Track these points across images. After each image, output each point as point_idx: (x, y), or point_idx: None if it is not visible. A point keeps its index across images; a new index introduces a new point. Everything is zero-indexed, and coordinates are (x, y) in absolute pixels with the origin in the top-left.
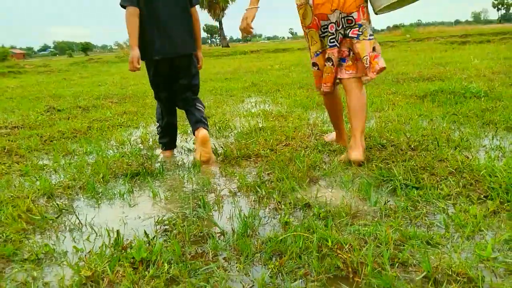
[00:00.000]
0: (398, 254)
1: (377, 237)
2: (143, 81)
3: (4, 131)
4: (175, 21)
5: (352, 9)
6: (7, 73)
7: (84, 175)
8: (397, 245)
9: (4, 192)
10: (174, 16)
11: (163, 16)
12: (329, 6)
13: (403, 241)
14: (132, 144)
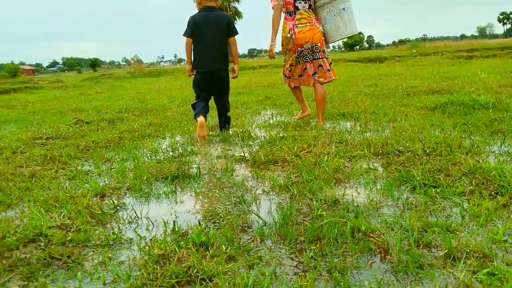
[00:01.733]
0: (422, 238)
1: (402, 225)
2: (160, 95)
3: (40, 142)
4: (215, 46)
5: (317, 41)
6: (23, 88)
7: (127, 178)
8: (420, 232)
9: (61, 193)
10: (214, 43)
11: (207, 43)
12: (304, 39)
13: (425, 228)
14: (164, 151)
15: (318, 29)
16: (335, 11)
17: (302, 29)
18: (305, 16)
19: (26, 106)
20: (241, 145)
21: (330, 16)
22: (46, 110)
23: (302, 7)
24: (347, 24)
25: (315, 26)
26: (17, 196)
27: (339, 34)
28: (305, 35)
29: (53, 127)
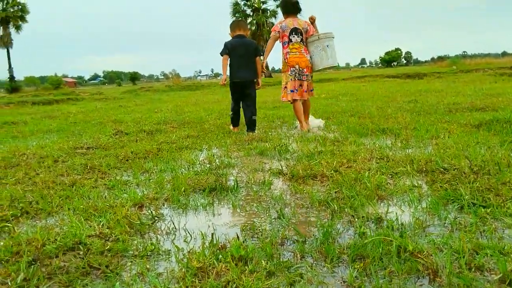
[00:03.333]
0: (474, 260)
1: (451, 246)
2: (197, 108)
3: (81, 151)
4: (245, 62)
5: (303, 67)
6: (65, 100)
7: (165, 189)
8: (471, 254)
9: (100, 202)
10: (245, 61)
11: (240, 61)
12: (293, 63)
13: (477, 250)
14: (202, 163)
15: (305, 58)
16: (320, 47)
17: (292, 55)
18: (296, 47)
19: (68, 116)
20: (278, 158)
21: (317, 50)
22: (87, 121)
23: (295, 40)
24: (329, 58)
25: (303, 55)
26: (58, 204)
27: (322, 64)
28: (295, 60)
29: (93, 137)
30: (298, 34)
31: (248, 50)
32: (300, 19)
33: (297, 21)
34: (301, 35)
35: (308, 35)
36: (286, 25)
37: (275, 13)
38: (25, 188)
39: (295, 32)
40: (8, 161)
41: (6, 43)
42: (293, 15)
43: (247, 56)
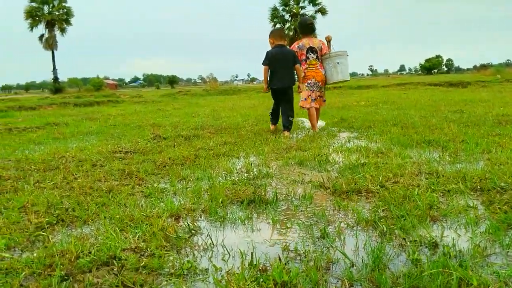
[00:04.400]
0: None
1: None
2: (234, 113)
3: (119, 155)
4: (284, 70)
5: (319, 80)
6: (106, 102)
7: (202, 199)
8: None
9: (136, 211)
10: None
11: (279, 69)
12: (310, 77)
13: None
14: (239, 172)
15: (321, 72)
16: (331, 64)
17: (310, 70)
18: (313, 63)
19: (108, 119)
20: (319, 169)
21: (328, 67)
22: (126, 123)
23: (311, 57)
24: (339, 73)
25: (319, 70)
26: (94, 212)
27: (333, 79)
28: (312, 74)
29: (132, 141)
30: (314, 52)
31: (287, 59)
32: (315, 38)
33: (312, 41)
34: (316, 53)
35: (322, 53)
36: (303, 45)
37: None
38: (62, 193)
39: (311, 51)
40: (48, 164)
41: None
42: (309, 35)
43: (286, 65)
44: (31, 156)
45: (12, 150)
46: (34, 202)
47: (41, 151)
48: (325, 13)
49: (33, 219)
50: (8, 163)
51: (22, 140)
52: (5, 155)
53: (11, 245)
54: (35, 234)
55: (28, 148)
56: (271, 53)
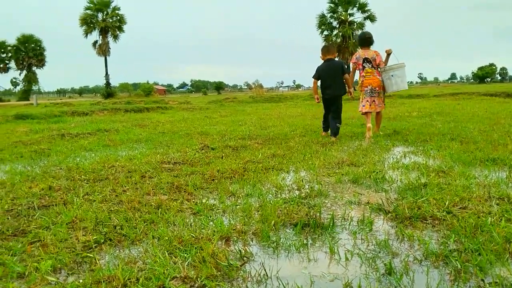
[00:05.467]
0: None
1: None
2: (281, 122)
3: (168, 166)
4: (333, 81)
5: (375, 86)
6: (155, 108)
7: (253, 219)
8: None
9: (185, 231)
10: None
11: (329, 80)
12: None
13: None
14: (290, 189)
15: (378, 79)
16: (387, 76)
17: (367, 78)
18: (370, 71)
19: (157, 126)
20: (375, 189)
21: (384, 79)
22: (174, 131)
23: (367, 67)
24: (393, 85)
25: (376, 77)
26: (142, 231)
27: (388, 90)
28: (369, 82)
29: (180, 151)
30: (369, 62)
31: (336, 70)
32: (370, 50)
33: (367, 52)
34: (371, 62)
35: (376, 63)
36: (359, 56)
37: (362, 26)
38: (110, 208)
39: (367, 61)
40: (98, 174)
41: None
42: (366, 47)
43: (335, 76)
44: (82, 164)
45: (64, 157)
46: (82, 217)
47: (92, 159)
48: (374, 20)
49: (80, 237)
50: (59, 171)
51: (74, 146)
52: (57, 162)
53: (57, 266)
54: (82, 255)
55: (79, 155)
56: (320, 68)
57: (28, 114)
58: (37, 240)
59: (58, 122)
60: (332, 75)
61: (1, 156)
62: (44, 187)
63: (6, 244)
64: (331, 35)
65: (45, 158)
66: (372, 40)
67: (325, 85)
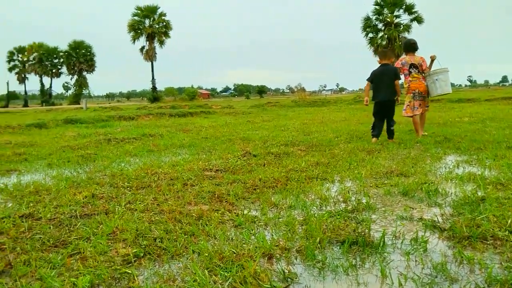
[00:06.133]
0: None
1: None
2: (325, 127)
3: (209, 174)
4: (385, 86)
5: (421, 90)
6: (199, 113)
7: (297, 235)
8: None
9: (226, 245)
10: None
11: (382, 85)
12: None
13: None
14: (335, 201)
15: (423, 84)
16: (431, 80)
17: (413, 82)
18: (416, 76)
19: (200, 131)
20: (428, 202)
21: (429, 83)
22: (217, 136)
23: (414, 72)
24: (438, 88)
25: (422, 82)
26: (182, 244)
27: (433, 94)
28: (415, 86)
29: (222, 157)
30: (415, 67)
31: (389, 75)
32: (416, 55)
33: (413, 58)
34: (417, 68)
35: (422, 69)
36: (405, 62)
37: (408, 28)
38: (151, 218)
39: (413, 67)
40: (141, 181)
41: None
42: (411, 53)
43: (387, 81)
44: (126, 170)
45: (109, 162)
46: (123, 228)
47: (136, 164)
48: (421, 22)
49: (120, 250)
50: (103, 178)
51: (119, 151)
52: (102, 168)
53: (95, 282)
54: (121, 271)
55: (124, 161)
56: (375, 71)
57: (77, 118)
58: (77, 252)
59: (105, 127)
60: (385, 80)
61: (49, 161)
62: (87, 195)
63: (46, 256)
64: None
65: (91, 163)
66: (417, 46)
67: (377, 89)
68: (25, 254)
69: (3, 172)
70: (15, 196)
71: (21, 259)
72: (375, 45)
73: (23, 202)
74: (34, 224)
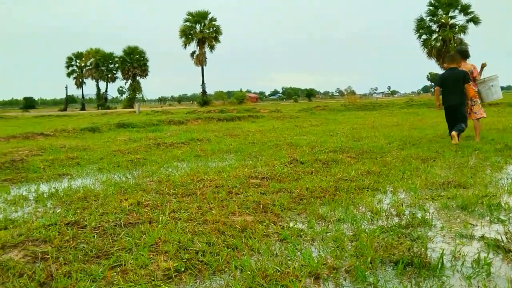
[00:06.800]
0: None
1: None
2: (376, 133)
3: (255, 181)
4: (453, 90)
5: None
6: (246, 117)
7: (346, 252)
8: None
9: (269, 261)
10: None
11: (450, 89)
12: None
13: None
14: (387, 215)
15: (473, 90)
16: (486, 87)
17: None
18: None
19: (247, 135)
20: (490, 218)
21: (484, 89)
22: (264, 142)
23: None
24: (494, 94)
25: (472, 88)
26: (224, 259)
27: (489, 99)
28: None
29: (268, 164)
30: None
31: (457, 79)
32: (467, 63)
33: (465, 65)
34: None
35: (473, 76)
36: None
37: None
38: (195, 229)
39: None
40: (186, 188)
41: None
42: (463, 60)
43: (456, 85)
44: (172, 176)
45: (157, 167)
46: (165, 239)
47: (183, 170)
48: (478, 23)
49: (161, 263)
50: (150, 184)
51: (167, 156)
52: (150, 173)
53: None
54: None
55: (171, 166)
56: (442, 76)
57: (128, 123)
58: (118, 265)
59: (156, 131)
60: (453, 84)
61: (100, 165)
62: (133, 202)
63: (87, 268)
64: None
65: (140, 168)
66: (469, 54)
67: (446, 93)
68: (67, 265)
69: (55, 176)
70: (64, 201)
71: (63, 270)
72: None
73: (70, 208)
74: (78, 232)
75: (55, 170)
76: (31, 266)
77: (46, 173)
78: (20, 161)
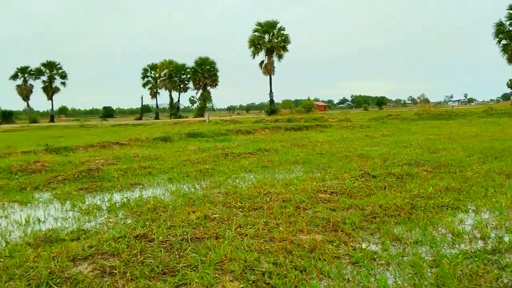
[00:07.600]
0: None
1: None
2: (453, 144)
3: (324, 196)
4: None
5: None
6: (314, 126)
7: (426, 280)
8: None
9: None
10: None
11: None
12: None
13: None
14: (470, 238)
15: None
16: None
17: None
18: None
19: (315, 146)
20: None
21: None
22: (332, 153)
23: None
24: None
25: None
26: (292, 283)
27: None
28: None
29: (338, 177)
30: None
31: None
32: None
33: None
34: None
35: None
36: None
37: None
38: (261, 247)
39: None
40: (253, 201)
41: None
42: None
43: None
44: (239, 188)
45: (225, 178)
46: (232, 257)
47: (250, 181)
48: None
49: (227, 283)
50: (217, 196)
51: (235, 166)
52: (218, 184)
53: None
54: None
55: (238, 177)
56: None
57: (198, 132)
58: (183, 283)
59: (224, 141)
60: None
61: (171, 175)
62: (200, 216)
63: (153, 285)
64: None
65: (208, 178)
66: None
67: None
68: (134, 281)
69: (128, 185)
70: (135, 212)
71: (129, 287)
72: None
73: (140, 219)
74: (146, 246)
75: (128, 179)
76: (99, 281)
77: (120, 182)
78: (96, 170)
